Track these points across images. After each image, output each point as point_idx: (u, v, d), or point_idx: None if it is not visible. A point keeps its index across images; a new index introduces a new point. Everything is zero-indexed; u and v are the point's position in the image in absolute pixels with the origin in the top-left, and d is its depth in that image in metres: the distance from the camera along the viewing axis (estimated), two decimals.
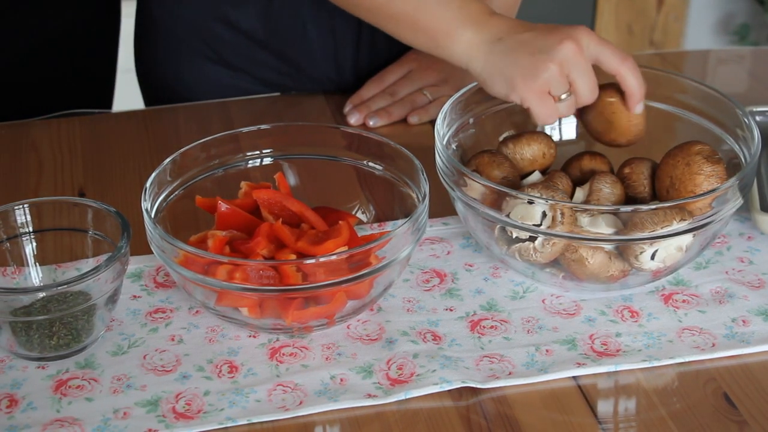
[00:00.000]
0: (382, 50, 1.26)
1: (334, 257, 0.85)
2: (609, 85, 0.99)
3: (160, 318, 0.93)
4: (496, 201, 0.92)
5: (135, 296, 0.96)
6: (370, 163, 1.00)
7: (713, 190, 0.91)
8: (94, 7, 1.40)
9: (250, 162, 1.01)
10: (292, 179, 1.02)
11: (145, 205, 0.91)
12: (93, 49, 1.42)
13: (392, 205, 1.00)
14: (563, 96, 0.97)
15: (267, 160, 1.02)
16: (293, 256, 0.90)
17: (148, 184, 0.92)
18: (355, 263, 0.86)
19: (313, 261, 0.85)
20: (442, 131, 0.99)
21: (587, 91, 0.97)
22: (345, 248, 0.90)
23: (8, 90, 1.34)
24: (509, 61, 0.97)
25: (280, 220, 0.94)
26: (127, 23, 1.49)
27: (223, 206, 0.95)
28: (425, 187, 0.93)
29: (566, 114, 0.99)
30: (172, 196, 0.97)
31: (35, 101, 1.33)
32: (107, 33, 1.43)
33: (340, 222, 0.93)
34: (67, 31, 1.37)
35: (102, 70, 1.45)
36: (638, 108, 0.99)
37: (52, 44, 1.36)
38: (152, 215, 0.91)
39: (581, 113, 1.02)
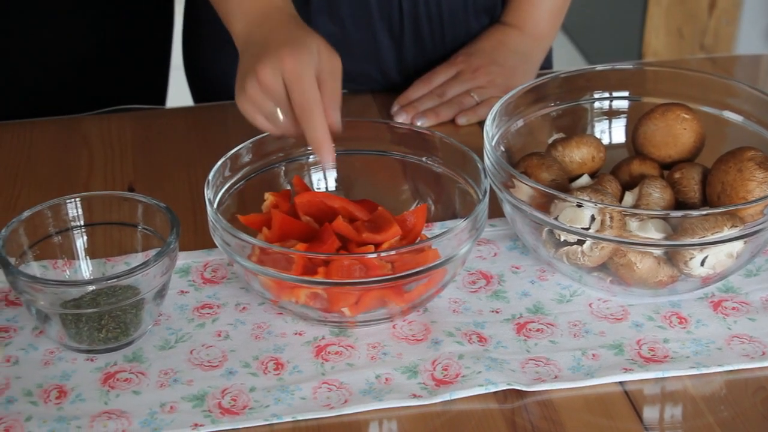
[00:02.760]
0: (428, 50, 1.26)
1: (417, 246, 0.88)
2: (679, 104, 0.99)
3: (207, 314, 0.94)
4: (545, 203, 0.91)
5: (182, 291, 0.96)
6: (428, 160, 1.01)
7: (766, 197, 0.90)
8: (149, 5, 1.41)
9: (311, 156, 1.02)
10: (348, 174, 1.03)
11: (208, 195, 0.92)
12: (147, 47, 1.43)
13: (443, 203, 1.01)
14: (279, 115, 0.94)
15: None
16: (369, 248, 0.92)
17: (210, 176, 0.94)
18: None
19: (394, 252, 0.87)
20: (491, 132, 0.99)
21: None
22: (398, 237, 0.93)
23: (64, 86, 1.36)
24: (239, 69, 0.96)
25: (339, 216, 0.94)
26: (179, 20, 1.50)
27: (279, 218, 0.95)
28: (486, 185, 0.93)
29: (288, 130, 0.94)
30: (232, 189, 0.98)
31: (90, 97, 1.35)
32: (161, 30, 1.45)
33: (379, 208, 0.95)
34: (122, 29, 1.38)
35: (155, 67, 1.47)
36: None
37: (108, 41, 1.37)
38: (215, 206, 0.92)
39: (637, 123, 1.02)
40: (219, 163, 0.96)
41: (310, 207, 0.97)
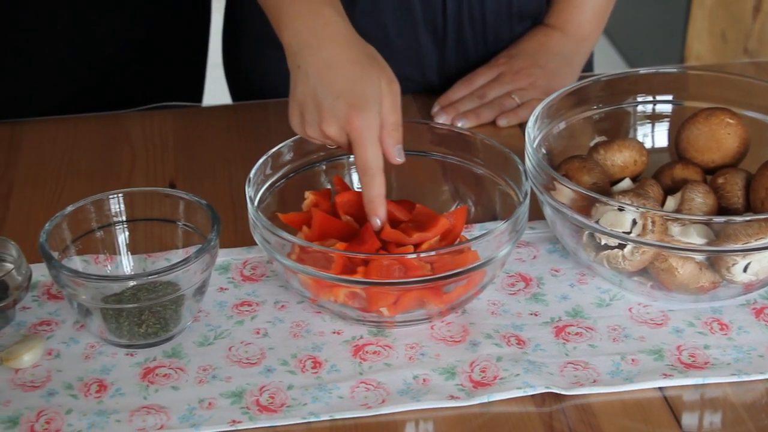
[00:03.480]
0: (470, 53, 1.26)
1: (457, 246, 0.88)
2: (723, 108, 0.99)
3: (246, 311, 0.94)
4: (586, 207, 0.91)
5: (222, 288, 0.97)
6: (469, 161, 1.01)
7: None
8: (186, 3, 1.42)
9: (351, 156, 1.02)
10: (389, 174, 1.02)
11: (249, 192, 0.92)
12: (184, 45, 1.44)
13: (483, 204, 1.00)
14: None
15: None
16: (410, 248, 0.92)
17: (252, 174, 0.94)
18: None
19: (439, 251, 0.87)
20: (533, 134, 0.98)
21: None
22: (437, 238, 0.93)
23: (105, 82, 1.37)
24: (293, 91, 0.95)
25: (386, 224, 0.94)
26: (216, 18, 1.51)
27: (320, 216, 0.95)
28: (527, 187, 0.92)
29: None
30: (273, 188, 0.98)
31: (130, 93, 1.36)
32: (198, 28, 1.45)
33: (417, 206, 0.96)
34: (160, 26, 1.39)
35: (192, 64, 1.48)
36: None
37: (146, 39, 1.38)
38: (255, 204, 0.92)
39: (680, 128, 1.01)
40: (260, 161, 0.97)
41: (350, 206, 0.97)
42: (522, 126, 1.19)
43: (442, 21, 1.23)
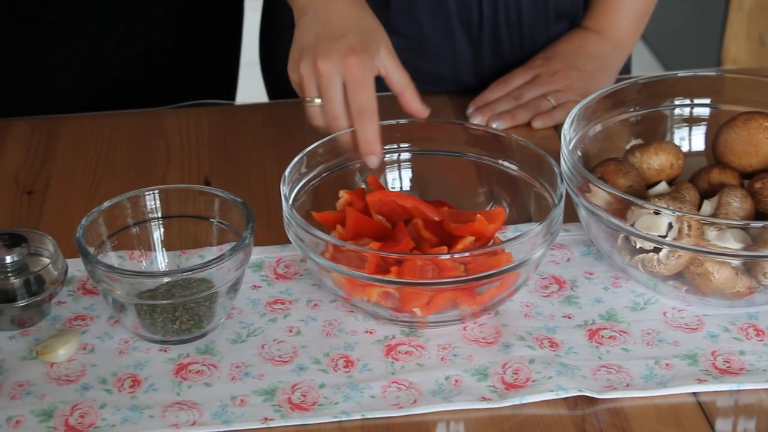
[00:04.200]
0: (505, 54, 1.26)
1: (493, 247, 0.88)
2: (762, 113, 0.98)
3: (279, 309, 0.95)
4: (621, 210, 0.90)
5: (255, 286, 0.97)
6: (503, 163, 1.00)
7: None
8: (219, 2, 1.43)
9: (386, 155, 1.02)
10: (423, 175, 1.03)
11: (284, 190, 0.93)
12: (217, 43, 1.44)
13: (518, 206, 1.00)
14: (310, 99, 0.99)
15: (404, 155, 1.03)
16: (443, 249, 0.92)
17: (287, 172, 0.94)
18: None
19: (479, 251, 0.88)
20: (568, 136, 0.98)
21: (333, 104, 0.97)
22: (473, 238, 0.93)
23: (140, 79, 1.38)
24: (297, 36, 0.99)
25: (420, 220, 0.95)
26: (251, 17, 1.51)
27: (353, 216, 0.95)
28: (562, 189, 0.92)
29: (315, 118, 0.99)
30: (308, 186, 0.99)
31: (165, 91, 1.37)
32: (231, 26, 1.46)
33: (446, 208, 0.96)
34: (194, 24, 1.40)
35: (226, 63, 1.48)
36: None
37: (179, 36, 1.39)
38: (290, 202, 0.92)
39: (717, 131, 1.01)
40: (295, 159, 0.97)
41: (382, 206, 0.97)
42: (557, 128, 1.18)
43: (477, 21, 1.23)
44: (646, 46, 3.04)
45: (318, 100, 0.98)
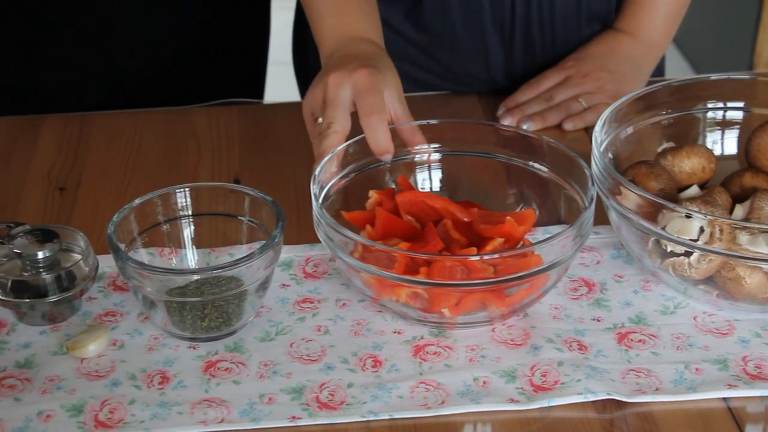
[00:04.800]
0: (537, 54, 1.26)
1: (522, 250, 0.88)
2: None
3: (308, 308, 0.95)
4: (652, 213, 0.90)
5: (284, 285, 0.97)
6: (534, 164, 1.00)
7: None
8: (246, 2, 1.43)
9: (416, 156, 1.02)
10: (453, 175, 1.03)
11: (314, 189, 0.93)
12: (245, 42, 1.45)
13: (548, 208, 1.00)
14: (319, 119, 0.99)
15: (435, 155, 1.03)
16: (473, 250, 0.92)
17: (317, 171, 0.95)
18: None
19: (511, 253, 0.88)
20: (600, 138, 0.97)
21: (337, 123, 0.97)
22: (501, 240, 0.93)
23: (170, 77, 1.38)
24: (318, 75, 1.02)
25: (449, 221, 0.94)
26: (281, 16, 1.52)
27: (383, 216, 0.95)
28: (592, 192, 0.92)
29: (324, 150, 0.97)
30: (338, 186, 0.99)
31: (194, 89, 1.37)
32: (258, 26, 1.47)
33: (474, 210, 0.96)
34: (223, 23, 1.40)
35: (254, 62, 1.49)
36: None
37: (208, 36, 1.40)
38: (320, 202, 0.92)
39: (750, 135, 1.00)
40: (326, 158, 0.97)
41: (412, 206, 0.97)
42: (588, 130, 1.18)
43: (510, 21, 1.23)
44: (678, 49, 3.02)
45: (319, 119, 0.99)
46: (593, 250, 1.01)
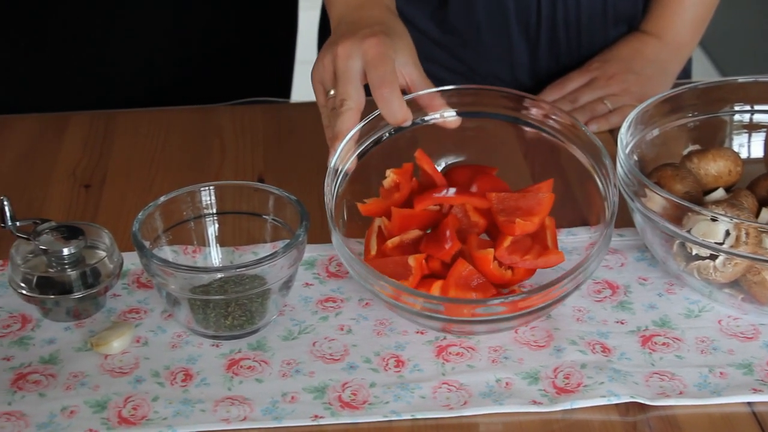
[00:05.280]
0: (562, 55, 1.25)
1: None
2: None
3: (331, 307, 0.95)
4: (677, 216, 0.90)
5: (307, 284, 0.97)
6: (559, 137, 0.98)
7: None
8: (274, 3, 1.44)
9: (432, 120, 0.99)
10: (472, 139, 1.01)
11: (327, 198, 0.92)
12: (272, 41, 1.45)
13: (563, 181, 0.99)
14: (331, 92, 0.96)
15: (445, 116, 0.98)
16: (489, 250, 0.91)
17: (333, 160, 0.94)
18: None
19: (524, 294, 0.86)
20: (625, 140, 0.97)
21: (350, 93, 0.94)
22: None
23: (196, 75, 1.39)
24: (326, 43, 0.98)
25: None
26: (307, 16, 1.52)
27: (398, 214, 0.95)
28: (614, 200, 0.91)
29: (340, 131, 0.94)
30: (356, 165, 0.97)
31: (219, 88, 1.38)
32: (286, 24, 1.47)
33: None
34: (250, 22, 1.41)
35: (280, 61, 1.49)
36: None
37: (235, 35, 1.40)
38: (334, 198, 0.92)
39: None
40: (341, 145, 0.94)
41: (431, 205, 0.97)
42: (613, 132, 1.17)
43: (535, 22, 1.22)
44: (704, 52, 3.00)
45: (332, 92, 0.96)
46: (617, 252, 1.01)
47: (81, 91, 1.35)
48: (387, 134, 0.98)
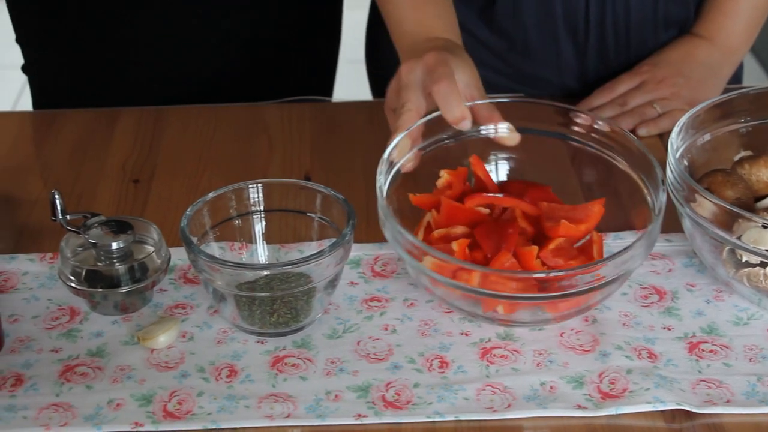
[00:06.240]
0: (611, 59, 1.24)
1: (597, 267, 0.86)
2: None
3: (375, 306, 0.95)
4: (728, 222, 0.89)
5: (352, 283, 0.98)
6: (609, 153, 0.99)
7: None
8: (320, 2, 1.44)
9: (482, 132, 1.00)
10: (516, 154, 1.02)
11: (380, 181, 0.93)
12: (317, 40, 1.46)
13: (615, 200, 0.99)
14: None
15: (503, 130, 1.01)
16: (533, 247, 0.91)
17: (390, 148, 0.95)
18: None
19: (581, 270, 0.86)
20: (676, 144, 0.96)
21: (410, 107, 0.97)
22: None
23: (243, 73, 1.39)
24: None
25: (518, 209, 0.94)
26: (352, 15, 1.52)
27: (447, 204, 0.95)
28: (662, 200, 0.90)
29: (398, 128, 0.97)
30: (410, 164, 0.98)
31: (266, 86, 1.38)
32: (331, 24, 1.47)
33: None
34: (295, 21, 1.41)
35: (324, 60, 1.49)
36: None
37: (282, 33, 1.40)
38: (385, 192, 0.92)
39: None
40: (400, 135, 0.95)
41: (484, 204, 0.97)
42: (662, 136, 1.16)
43: (584, 25, 1.22)
44: (755, 57, 2.97)
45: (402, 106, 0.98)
46: (665, 257, 1.00)
47: (131, 87, 1.36)
48: (445, 140, 1.00)
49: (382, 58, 1.35)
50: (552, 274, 0.85)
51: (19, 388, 0.86)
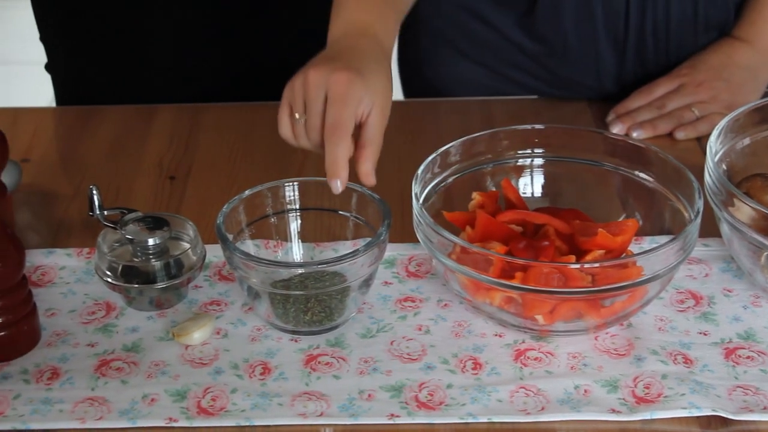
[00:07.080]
0: (649, 61, 1.24)
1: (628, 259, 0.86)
2: None
3: (409, 307, 0.95)
4: (767, 227, 0.88)
5: (387, 282, 0.97)
6: (641, 174, 0.98)
7: None
8: None
9: (519, 160, 1.01)
10: (556, 181, 1.02)
11: (415, 189, 0.93)
12: None
13: (652, 219, 0.98)
14: (296, 116, 0.94)
15: (537, 161, 1.02)
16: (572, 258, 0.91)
17: (419, 171, 0.95)
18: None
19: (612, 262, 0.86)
20: (715, 148, 0.95)
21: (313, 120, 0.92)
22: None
23: (275, 71, 1.40)
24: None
25: (552, 228, 0.94)
26: None
27: (483, 218, 0.95)
28: (699, 205, 0.90)
29: (300, 137, 0.94)
30: (439, 186, 0.99)
31: None
32: None
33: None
34: (318, 23, 1.41)
35: None
36: None
37: (315, 32, 1.40)
38: (420, 202, 0.92)
39: None
40: (429, 159, 0.97)
41: (516, 222, 0.96)
42: (700, 140, 1.15)
43: (623, 28, 1.21)
44: None
45: (298, 116, 0.95)
46: (702, 262, 0.99)
47: (168, 84, 1.37)
48: (469, 170, 1.01)
49: (415, 60, 1.35)
50: (598, 265, 0.85)
51: (55, 382, 0.87)
